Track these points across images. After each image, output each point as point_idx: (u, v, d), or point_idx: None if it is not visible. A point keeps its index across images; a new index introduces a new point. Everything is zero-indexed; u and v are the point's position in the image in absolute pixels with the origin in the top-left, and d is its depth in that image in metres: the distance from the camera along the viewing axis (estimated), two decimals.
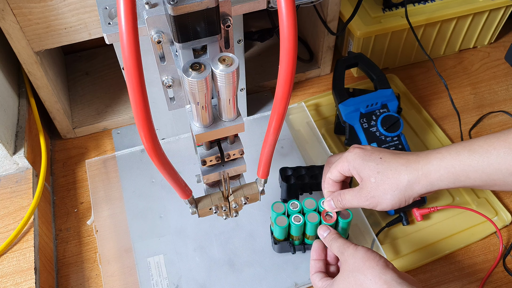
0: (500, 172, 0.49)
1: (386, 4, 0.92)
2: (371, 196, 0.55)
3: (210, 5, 0.40)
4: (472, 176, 0.50)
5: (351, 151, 0.58)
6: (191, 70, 0.41)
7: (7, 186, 0.73)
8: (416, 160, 0.53)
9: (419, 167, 0.52)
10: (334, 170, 0.59)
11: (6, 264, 0.65)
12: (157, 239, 0.72)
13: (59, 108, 0.81)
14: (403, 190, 0.53)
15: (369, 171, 0.55)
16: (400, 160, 0.54)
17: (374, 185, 0.54)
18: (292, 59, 0.37)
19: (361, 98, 0.79)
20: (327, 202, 0.61)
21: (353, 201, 0.57)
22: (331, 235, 0.59)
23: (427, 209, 0.74)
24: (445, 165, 0.51)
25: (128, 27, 0.33)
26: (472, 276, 0.69)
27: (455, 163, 0.51)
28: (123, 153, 0.83)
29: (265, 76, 0.96)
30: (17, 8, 0.64)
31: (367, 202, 0.55)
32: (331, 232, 0.59)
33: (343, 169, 0.58)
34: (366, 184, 0.55)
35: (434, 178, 0.52)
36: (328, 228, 0.60)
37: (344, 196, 0.58)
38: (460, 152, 0.51)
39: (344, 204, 0.58)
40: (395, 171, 0.53)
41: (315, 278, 0.58)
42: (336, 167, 0.59)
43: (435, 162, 0.52)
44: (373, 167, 0.55)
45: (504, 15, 0.98)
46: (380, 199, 0.54)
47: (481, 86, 0.96)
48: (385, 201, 0.54)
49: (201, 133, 0.48)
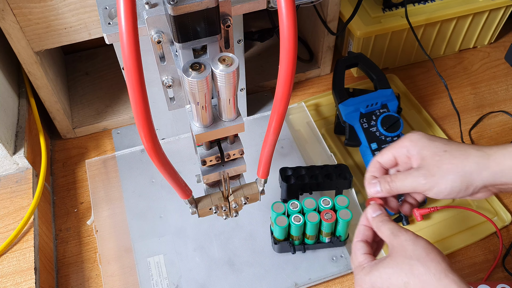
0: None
1: (386, 4, 0.92)
2: (430, 174, 0.49)
3: (210, 5, 0.40)
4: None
5: (412, 133, 0.52)
6: (191, 70, 0.41)
7: (7, 186, 0.73)
8: (488, 146, 0.48)
9: (492, 152, 0.47)
10: (387, 152, 0.53)
11: (6, 264, 0.65)
12: (157, 239, 0.72)
13: (59, 108, 0.81)
14: (469, 173, 0.47)
15: (435, 149, 0.49)
16: (471, 145, 0.49)
17: (437, 162, 0.48)
18: (292, 59, 0.37)
19: (361, 98, 0.79)
20: (372, 186, 0.53)
21: (406, 181, 0.50)
22: (383, 217, 0.51)
23: (427, 209, 0.74)
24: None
25: (128, 27, 0.33)
26: (472, 276, 0.69)
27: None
28: (123, 153, 0.83)
29: (265, 76, 0.96)
30: (17, 8, 0.64)
31: (423, 181, 0.49)
32: (383, 213, 0.51)
33: (400, 150, 0.52)
34: (428, 161, 0.49)
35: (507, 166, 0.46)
36: (380, 209, 0.52)
37: (396, 176, 0.51)
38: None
39: (394, 186, 0.51)
40: (464, 152, 0.48)
41: (358, 248, 0.50)
42: (391, 149, 0.53)
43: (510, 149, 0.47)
44: (440, 146, 0.49)
45: (504, 15, 0.98)
46: (439, 179, 0.48)
47: (481, 86, 0.96)
48: (444, 182, 0.48)
49: (201, 133, 0.48)
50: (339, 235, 0.68)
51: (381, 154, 0.54)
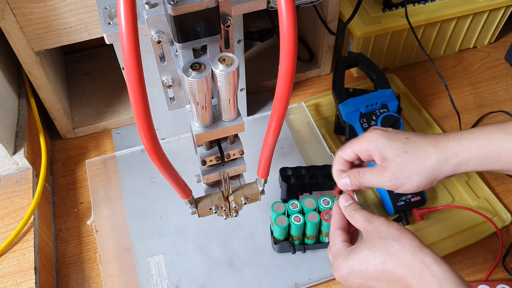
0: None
1: (386, 4, 0.92)
2: (395, 177, 0.51)
3: (210, 5, 0.40)
4: (505, 158, 0.48)
5: (371, 131, 0.54)
6: (191, 70, 0.41)
7: (7, 186, 0.73)
8: (445, 140, 0.51)
9: (449, 146, 0.50)
10: (348, 149, 0.55)
11: (6, 264, 0.65)
12: (157, 239, 0.72)
13: (59, 108, 0.81)
14: (431, 170, 0.50)
15: (395, 151, 0.51)
16: (428, 140, 0.51)
17: (400, 165, 0.51)
18: (292, 59, 0.37)
19: (361, 98, 0.79)
20: (342, 180, 0.56)
21: (373, 180, 0.53)
22: (355, 205, 0.54)
23: (427, 209, 0.74)
24: (477, 145, 0.49)
25: (128, 27, 0.33)
26: (472, 276, 0.69)
27: (487, 143, 0.49)
28: (123, 153, 0.83)
29: (265, 76, 0.96)
30: (17, 8, 0.64)
31: (390, 182, 0.52)
32: (355, 203, 0.54)
33: (360, 149, 0.54)
34: (390, 164, 0.51)
35: (464, 158, 0.49)
36: (351, 198, 0.55)
37: (364, 174, 0.54)
38: (494, 132, 0.49)
39: (363, 182, 0.54)
40: (424, 150, 0.51)
41: (337, 235, 0.53)
42: (351, 146, 0.55)
43: (466, 142, 0.50)
44: (400, 146, 0.51)
45: (504, 15, 0.98)
46: (405, 180, 0.51)
47: (481, 86, 0.96)
48: (411, 182, 0.51)
49: (201, 133, 0.48)
50: None
51: (343, 150, 0.56)
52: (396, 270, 0.46)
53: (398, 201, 0.73)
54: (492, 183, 0.80)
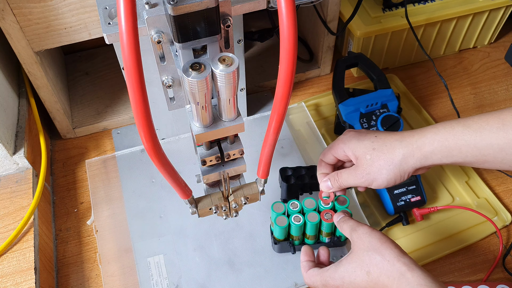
0: (491, 147, 0.50)
1: (386, 4, 0.93)
2: (366, 173, 0.56)
3: (210, 5, 0.40)
4: (464, 151, 0.52)
5: (345, 133, 0.59)
6: (191, 70, 0.41)
7: (7, 186, 0.73)
8: (410, 135, 0.55)
9: (413, 140, 0.54)
10: (327, 152, 0.61)
11: (6, 264, 0.65)
12: (157, 239, 0.72)
13: (59, 108, 0.81)
14: (398, 164, 0.54)
15: (364, 149, 0.56)
16: (395, 136, 0.56)
17: (369, 161, 0.55)
18: (292, 59, 0.37)
19: (361, 98, 0.79)
20: (324, 183, 0.61)
21: (349, 179, 0.58)
22: (345, 217, 0.58)
23: (427, 209, 0.74)
24: (439, 138, 0.53)
25: (128, 27, 0.33)
26: (472, 276, 0.69)
27: (448, 136, 0.52)
28: (123, 153, 0.83)
29: (265, 76, 0.96)
30: (17, 8, 0.64)
31: (362, 179, 0.56)
32: (345, 216, 0.59)
33: (337, 151, 0.59)
34: (361, 161, 0.56)
35: (428, 151, 0.53)
36: (343, 213, 0.60)
37: (341, 175, 0.59)
38: (454, 126, 0.53)
39: (341, 183, 0.59)
40: (390, 146, 0.55)
41: (312, 274, 0.56)
42: (330, 150, 0.60)
43: (429, 135, 0.53)
44: (368, 144, 0.56)
45: (504, 15, 0.98)
46: (375, 175, 0.55)
47: (481, 86, 0.96)
48: (380, 177, 0.55)
49: (201, 133, 0.48)
50: (339, 235, 0.68)
51: (324, 154, 0.62)
52: (379, 280, 0.50)
53: (398, 201, 0.73)
54: (492, 183, 0.80)
